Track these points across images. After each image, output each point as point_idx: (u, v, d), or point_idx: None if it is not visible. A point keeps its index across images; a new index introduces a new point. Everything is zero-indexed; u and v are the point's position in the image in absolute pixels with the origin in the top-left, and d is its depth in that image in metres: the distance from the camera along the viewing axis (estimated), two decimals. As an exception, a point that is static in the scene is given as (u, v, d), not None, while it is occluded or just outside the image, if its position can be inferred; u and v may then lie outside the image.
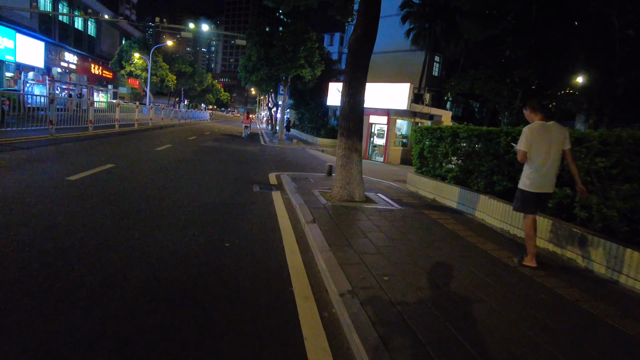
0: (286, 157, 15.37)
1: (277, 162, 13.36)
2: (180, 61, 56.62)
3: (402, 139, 21.97)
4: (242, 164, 11.64)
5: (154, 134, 19.13)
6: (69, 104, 16.44)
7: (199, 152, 13.62)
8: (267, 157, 14.56)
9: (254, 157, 14.25)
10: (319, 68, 21.62)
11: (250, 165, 11.55)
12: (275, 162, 13.10)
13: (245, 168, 10.84)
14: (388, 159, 20.84)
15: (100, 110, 18.77)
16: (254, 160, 13.25)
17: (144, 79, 49.46)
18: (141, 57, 49.00)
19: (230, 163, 11.48)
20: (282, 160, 13.89)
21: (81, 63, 48.91)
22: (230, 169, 10.24)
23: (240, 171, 10.14)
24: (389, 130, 20.73)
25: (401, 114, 20.92)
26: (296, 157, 16.25)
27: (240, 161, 12.27)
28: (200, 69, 60.02)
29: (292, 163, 13.54)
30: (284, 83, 22.72)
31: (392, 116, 20.60)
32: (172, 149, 13.39)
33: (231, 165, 10.96)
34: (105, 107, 21.08)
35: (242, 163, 11.94)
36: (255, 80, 22.81)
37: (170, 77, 52.43)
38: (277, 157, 14.94)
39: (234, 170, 10.20)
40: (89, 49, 51.03)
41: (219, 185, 7.76)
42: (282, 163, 13.13)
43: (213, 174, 9.11)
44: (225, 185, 7.86)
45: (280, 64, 20.47)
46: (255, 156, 14.57)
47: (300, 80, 22.70)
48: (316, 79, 23.14)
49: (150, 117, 26.41)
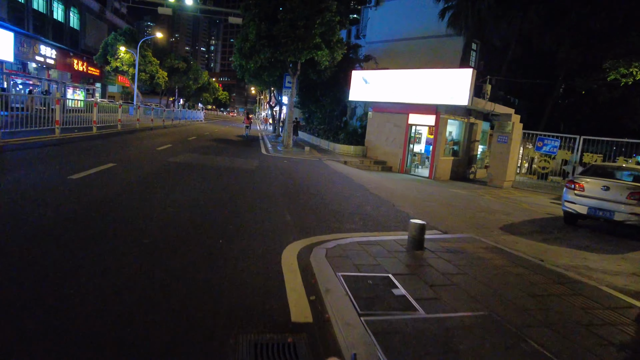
0: (303, 182, 9.46)
1: (290, 195, 7.46)
2: (173, 56, 50.63)
3: (452, 145, 16.00)
4: (219, 211, 5.71)
5: (121, 140, 13.30)
6: (29, 102, 14.48)
7: (156, 176, 7.72)
8: (271, 182, 8.66)
9: (249, 184, 8.33)
10: (340, 50, 15.77)
11: (237, 215, 5.61)
12: (288, 197, 7.21)
13: (223, 232, 4.83)
14: (436, 173, 14.91)
15: (76, 110, 16.39)
16: (249, 192, 7.33)
17: (131, 76, 43.56)
18: (128, 51, 43.04)
19: (195, 214, 5.46)
20: (298, 192, 7.97)
21: (61, 58, 42.93)
22: (180, 250, 4.20)
23: (205, 251, 4.15)
24: (438, 134, 14.80)
25: (453, 112, 15.00)
26: (318, 178, 10.33)
27: (219, 203, 6.27)
28: (195, 65, 54.01)
29: (319, 196, 7.64)
30: (292, 71, 16.70)
31: (442, 114, 14.67)
32: (113, 170, 7.50)
33: (193, 226, 4.95)
34: (83, 106, 18.42)
35: (222, 206, 5.99)
36: (253, 69, 16.87)
37: (161, 73, 46.47)
38: (289, 183, 9.02)
39: (188, 250, 4.20)
40: (71, 43, 45.02)
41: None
42: (300, 198, 7.24)
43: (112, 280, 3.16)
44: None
45: (287, 43, 14.56)
46: (252, 181, 8.65)
47: (313, 67, 16.78)
48: (334, 67, 17.22)
49: (137, 117, 21.76)
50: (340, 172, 11.88)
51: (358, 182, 10.09)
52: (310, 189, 8.30)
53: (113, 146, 12.08)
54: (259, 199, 6.69)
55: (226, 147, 16.22)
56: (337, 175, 11.17)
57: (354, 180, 10.50)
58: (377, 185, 10.26)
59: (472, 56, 26.22)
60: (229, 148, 15.86)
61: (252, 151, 15.68)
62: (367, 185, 9.75)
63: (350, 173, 12.12)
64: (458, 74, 13.80)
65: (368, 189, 9.12)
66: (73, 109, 16.55)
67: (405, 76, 15.16)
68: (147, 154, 10.95)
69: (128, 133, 17.02)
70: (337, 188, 8.87)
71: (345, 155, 16.74)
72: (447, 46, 23.29)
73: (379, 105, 16.62)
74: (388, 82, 15.67)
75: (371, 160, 16.14)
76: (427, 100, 14.41)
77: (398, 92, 15.26)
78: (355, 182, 10.16)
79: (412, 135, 15.83)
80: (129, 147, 12.40)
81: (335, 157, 15.84)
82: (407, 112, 15.57)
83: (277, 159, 13.86)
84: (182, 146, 14.20)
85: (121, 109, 18.76)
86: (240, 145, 17.89)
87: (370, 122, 17.09)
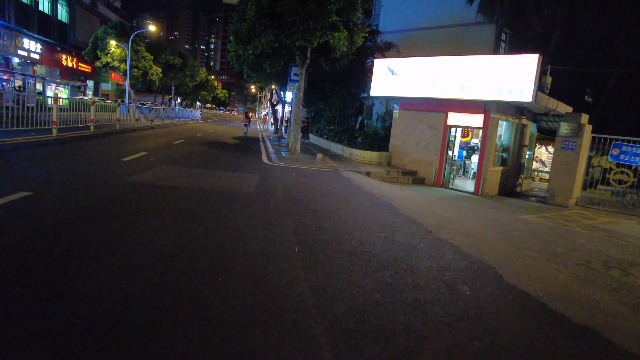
0: (329, 218, 6.10)
1: (317, 265, 4.13)
2: (168, 51, 47.11)
3: (501, 152, 12.71)
4: (174, 339, 2.41)
5: (81, 147, 9.99)
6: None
7: (84, 217, 4.41)
8: (279, 222, 5.26)
9: (243, 231, 4.95)
10: (361, 33, 12.45)
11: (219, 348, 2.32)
12: (314, 268, 3.89)
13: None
14: (484, 187, 11.62)
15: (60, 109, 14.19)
16: (241, 257, 3.99)
17: (123, 72, 40.20)
18: (119, 45, 39.67)
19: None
20: (327, 249, 4.65)
21: (48, 53, 39.60)
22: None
23: None
24: (487, 139, 11.51)
25: (504, 111, 11.72)
26: (346, 207, 7.01)
27: (177, 305, 3.01)
28: (191, 61, 50.55)
29: (364, 257, 4.33)
30: (301, 59, 13.31)
31: (492, 113, 11.38)
32: (18, 207, 4.24)
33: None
34: (66, 104, 16.75)
35: (182, 315, 2.71)
36: (252, 58, 13.53)
37: (155, 69, 42.99)
38: (307, 223, 5.63)
39: None
40: (59, 37, 41.61)
41: None
42: (336, 263, 3.96)
43: None
44: None
45: (295, 23, 11.24)
46: (247, 223, 5.27)
47: (326, 55, 13.43)
48: (352, 54, 13.87)
49: (118, 117, 18.87)
50: (368, 192, 8.55)
51: (406, 214, 6.75)
52: (344, 237, 4.98)
53: (60, 158, 8.76)
54: (261, 280, 3.36)
55: (218, 153, 12.89)
56: (368, 198, 7.84)
57: (398, 208, 7.16)
58: (431, 216, 6.98)
59: (502, 48, 22.82)
60: (222, 155, 12.53)
61: (251, 159, 12.35)
62: (422, 220, 6.44)
63: (382, 192, 8.79)
64: (519, 61, 10.44)
65: (427, 228, 5.81)
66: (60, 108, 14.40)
67: (444, 65, 11.82)
68: (99, 170, 7.61)
69: (100, 136, 13.69)
70: (381, 228, 5.56)
71: (365, 164, 13.42)
72: (475, 36, 19.87)
73: (408, 102, 13.29)
74: (421, 72, 12.34)
75: (398, 170, 12.83)
76: (475, 95, 11.09)
77: (434, 85, 11.94)
78: (401, 213, 6.81)
79: (450, 140, 12.52)
80: (81, 157, 9.07)
81: (353, 167, 12.52)
82: (446, 111, 12.25)
83: (283, 170, 10.54)
84: (160, 154, 10.87)
85: (94, 107, 15.44)
86: (237, 151, 14.56)
87: (396, 123, 13.75)
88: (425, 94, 12.20)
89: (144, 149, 11.29)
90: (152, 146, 12.54)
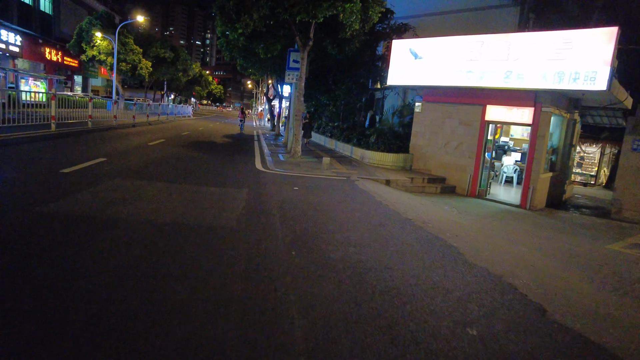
0: (376, 302, 3.59)
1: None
2: (159, 44, 44.15)
3: (551, 154, 10.23)
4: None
5: (24, 150, 7.49)
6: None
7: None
8: (282, 321, 2.90)
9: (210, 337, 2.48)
10: (377, 7, 9.89)
11: None
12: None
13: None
14: (533, 199, 9.15)
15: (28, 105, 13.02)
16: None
17: (110, 66, 37.42)
18: (105, 37, 36.86)
19: None
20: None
21: (31, 46, 36.77)
22: None
23: None
24: (538, 138, 9.02)
25: (556, 103, 9.24)
26: (382, 258, 4.51)
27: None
28: (184, 54, 47.69)
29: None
30: (302, 41, 10.70)
31: (544, 106, 8.89)
32: None
33: None
34: (44, 100, 15.33)
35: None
36: (243, 40, 10.95)
37: (145, 63, 40.12)
38: (334, 316, 3.18)
39: None
40: (42, 30, 38.66)
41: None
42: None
43: None
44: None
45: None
46: (215, 344, 2.83)
47: (332, 36, 10.86)
48: (364, 35, 11.30)
49: (89, 113, 15.79)
50: (402, 215, 6.04)
51: (476, 262, 4.25)
52: (410, 348, 2.51)
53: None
54: None
55: (202, 157, 10.33)
56: (406, 229, 5.32)
57: (458, 248, 4.65)
58: (508, 259, 4.49)
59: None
60: (205, 160, 9.96)
61: (241, 165, 9.79)
62: (503, 273, 3.95)
63: (419, 214, 6.29)
64: (590, 38, 7.90)
65: (521, 290, 3.34)
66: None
67: (485, 46, 9.27)
68: (10, 189, 5.08)
69: (58, 137, 11.10)
70: (462, 311, 3.09)
71: (381, 168, 10.91)
72: (496, 20, 17.32)
73: (434, 92, 10.75)
74: (453, 55, 9.79)
75: (423, 177, 10.33)
76: (525, 83, 8.55)
77: (470, 71, 9.40)
78: (468, 260, 4.31)
79: (488, 139, 10.01)
80: (7, 168, 6.52)
81: (368, 173, 10.00)
82: (484, 103, 9.74)
83: (281, 181, 8.00)
84: (123, 160, 8.29)
85: (54, 101, 12.79)
86: (225, 153, 11.99)
87: (419, 118, 11.22)
88: (458, 83, 9.66)
89: (105, 154, 8.72)
90: (118, 149, 9.97)
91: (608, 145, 15.89)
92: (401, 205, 6.79)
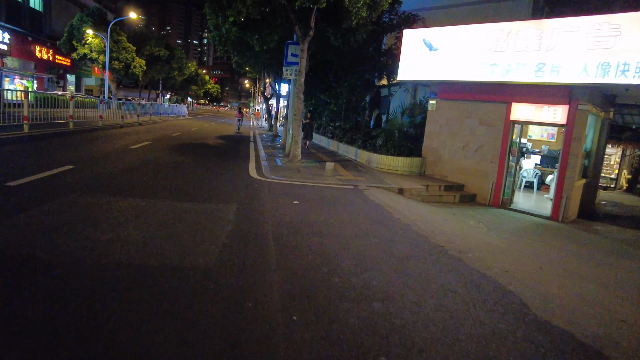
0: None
1: None
2: (153, 43, 42.71)
3: (584, 158, 8.99)
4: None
5: None
6: None
7: None
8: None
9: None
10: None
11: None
12: None
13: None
14: (567, 209, 7.92)
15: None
16: None
17: (102, 64, 36.06)
18: (96, 35, 35.47)
19: None
20: None
21: (19, 44, 35.41)
22: None
23: None
24: (573, 140, 7.79)
25: (593, 102, 8.00)
26: (422, 319, 3.27)
27: None
28: (179, 53, 46.30)
29: None
30: (302, 31, 9.43)
31: (581, 104, 7.66)
32: None
33: None
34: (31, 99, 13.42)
35: None
36: (235, 31, 9.69)
37: (138, 61, 38.70)
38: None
39: None
40: (32, 27, 37.25)
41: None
42: None
43: None
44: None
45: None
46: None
47: (335, 26, 9.60)
48: (371, 24, 10.05)
49: (71, 113, 14.52)
50: (430, 240, 4.80)
51: (557, 324, 3.03)
52: None
53: None
54: None
55: (187, 163, 9.05)
56: (439, 262, 4.07)
57: (522, 298, 3.42)
58: (583, 308, 3.26)
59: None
60: (191, 166, 8.69)
61: (231, 172, 8.52)
62: (594, 343, 2.73)
63: (453, 240, 5.06)
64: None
65: None
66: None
67: (513, 35, 8.03)
68: None
69: (28, 140, 9.83)
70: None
71: (391, 174, 9.65)
72: (508, 13, 16.09)
73: (450, 89, 9.50)
74: (474, 47, 8.55)
75: (438, 183, 9.08)
76: (561, 77, 7.31)
77: (495, 64, 8.17)
78: (550, 322, 3.10)
79: (514, 141, 8.77)
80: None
81: (377, 179, 8.75)
82: (509, 100, 8.50)
83: (278, 192, 6.74)
84: (95, 168, 7.00)
85: (26, 100, 11.49)
86: (216, 157, 10.71)
87: (433, 118, 9.97)
88: (480, 77, 8.42)
89: (74, 160, 7.45)
90: (92, 154, 8.69)
91: (630, 146, 14.71)
92: (424, 224, 5.55)
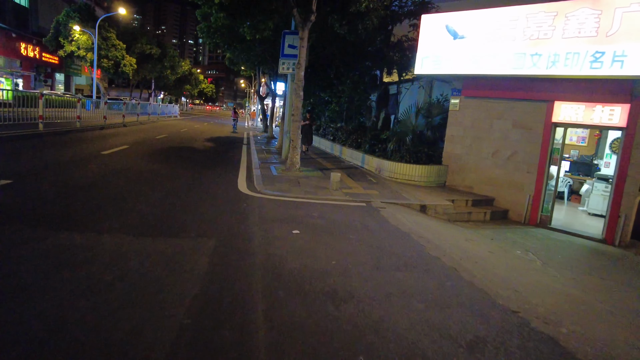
0: None
1: None
2: (145, 40, 40.92)
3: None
4: None
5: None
6: None
7: None
8: None
9: None
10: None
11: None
12: None
13: None
14: (625, 230, 6.45)
15: None
16: None
17: (90, 62, 34.30)
18: (84, 31, 33.71)
19: None
20: None
21: (4, 41, 33.71)
22: None
23: None
24: (635, 146, 6.31)
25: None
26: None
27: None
28: (172, 51, 44.55)
29: None
30: (302, 16, 7.91)
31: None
32: None
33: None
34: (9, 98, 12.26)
35: None
36: (223, 16, 8.17)
37: (128, 59, 36.94)
38: None
39: None
40: (17, 23, 35.42)
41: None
42: None
43: None
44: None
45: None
46: None
47: (340, 11, 8.09)
48: (383, 10, 8.56)
49: (40, 113, 12.69)
50: (473, 285, 3.32)
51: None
52: None
53: None
54: None
55: (166, 173, 7.48)
56: (500, 333, 2.62)
57: None
58: None
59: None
60: (169, 178, 7.11)
61: (217, 187, 6.96)
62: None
63: (490, 274, 3.57)
64: None
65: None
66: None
67: (560, 18, 6.56)
68: None
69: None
70: None
71: (406, 184, 8.17)
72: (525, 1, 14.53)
73: (478, 85, 8.01)
74: (508, 34, 7.09)
75: (465, 197, 7.60)
76: (625, 69, 5.87)
77: (537, 54, 6.70)
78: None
79: (555, 147, 7.31)
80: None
81: (392, 193, 7.26)
82: (551, 98, 7.03)
83: (272, 215, 5.21)
84: (44, 182, 5.43)
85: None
86: (201, 165, 9.13)
87: (456, 119, 8.49)
88: (517, 70, 6.94)
89: (19, 172, 5.87)
90: (48, 163, 7.09)
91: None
92: (472, 266, 4.03)
